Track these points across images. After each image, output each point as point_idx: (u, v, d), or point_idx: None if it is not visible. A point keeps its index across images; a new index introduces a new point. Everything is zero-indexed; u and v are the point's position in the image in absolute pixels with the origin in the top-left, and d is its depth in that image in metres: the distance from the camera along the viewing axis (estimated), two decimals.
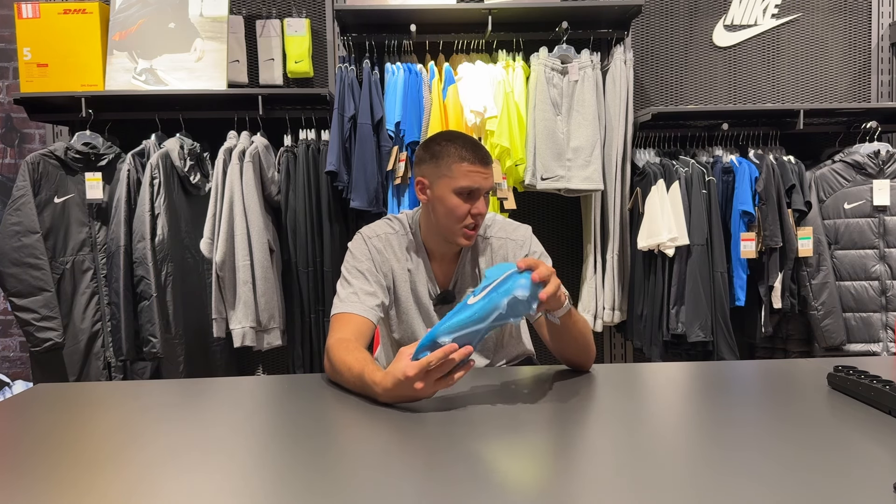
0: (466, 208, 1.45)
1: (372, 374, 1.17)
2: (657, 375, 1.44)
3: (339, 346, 1.31)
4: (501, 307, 1.14)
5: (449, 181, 1.45)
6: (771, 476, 0.82)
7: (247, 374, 2.94)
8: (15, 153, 3.19)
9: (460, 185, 1.44)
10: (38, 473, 0.89)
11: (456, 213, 1.45)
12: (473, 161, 1.44)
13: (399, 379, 1.09)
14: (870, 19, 3.03)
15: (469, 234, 1.47)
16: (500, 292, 1.14)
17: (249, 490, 0.83)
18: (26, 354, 3.13)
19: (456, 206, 1.44)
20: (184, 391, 1.38)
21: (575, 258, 2.96)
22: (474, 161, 1.44)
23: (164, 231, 2.53)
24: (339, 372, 1.28)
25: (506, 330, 1.62)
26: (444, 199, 1.46)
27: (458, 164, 1.44)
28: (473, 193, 1.45)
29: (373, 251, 1.53)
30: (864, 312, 2.67)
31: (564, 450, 0.97)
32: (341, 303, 1.45)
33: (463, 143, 1.47)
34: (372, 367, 1.19)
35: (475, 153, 1.45)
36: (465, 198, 1.45)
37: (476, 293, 1.16)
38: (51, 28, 2.60)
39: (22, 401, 1.29)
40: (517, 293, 1.14)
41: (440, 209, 1.47)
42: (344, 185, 2.62)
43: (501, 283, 1.15)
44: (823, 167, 2.71)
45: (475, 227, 1.47)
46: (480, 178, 1.44)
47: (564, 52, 2.68)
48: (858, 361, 1.41)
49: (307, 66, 2.86)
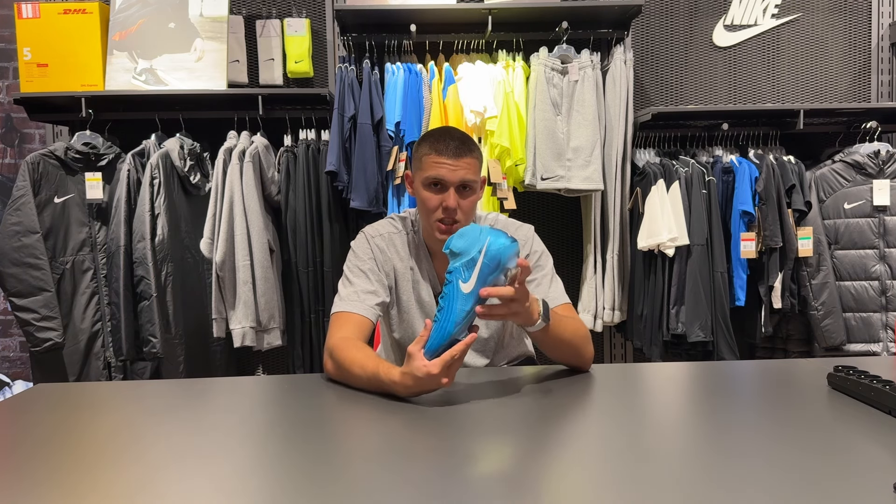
0: (437, 200, 1.43)
1: (388, 372, 1.18)
2: (657, 375, 1.44)
3: (345, 344, 1.32)
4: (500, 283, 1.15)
5: (420, 174, 1.46)
6: (771, 476, 0.82)
7: (247, 374, 2.94)
8: (15, 153, 3.19)
9: (426, 174, 1.43)
10: (39, 474, 0.89)
11: (426, 206, 1.44)
12: (441, 152, 1.42)
13: (421, 377, 1.12)
14: (870, 19, 3.03)
15: (442, 228, 1.44)
16: (491, 268, 1.13)
17: (249, 490, 0.83)
18: (26, 354, 3.13)
19: (426, 199, 1.44)
20: (184, 391, 1.38)
21: (575, 258, 2.96)
22: (441, 152, 1.42)
23: (164, 231, 2.53)
24: (347, 370, 1.28)
25: (506, 330, 1.62)
26: (418, 192, 1.47)
27: (427, 156, 1.44)
28: (441, 185, 1.43)
29: (375, 250, 1.53)
30: (864, 312, 2.67)
31: (564, 449, 0.97)
32: (342, 301, 1.45)
33: (437, 136, 1.46)
34: (387, 366, 1.21)
35: (445, 144, 1.43)
36: (435, 190, 1.43)
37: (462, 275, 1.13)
38: (51, 28, 2.60)
39: (22, 401, 1.29)
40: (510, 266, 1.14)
41: (418, 203, 1.49)
42: (344, 185, 2.62)
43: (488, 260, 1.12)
44: (823, 167, 2.71)
45: (451, 221, 1.43)
46: (445, 170, 1.41)
47: (564, 52, 2.68)
48: (858, 361, 1.41)
49: (307, 66, 2.86)
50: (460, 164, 1.42)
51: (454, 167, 1.42)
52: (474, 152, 1.46)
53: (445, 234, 1.42)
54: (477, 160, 1.47)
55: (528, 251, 1.54)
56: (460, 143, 1.44)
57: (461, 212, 1.43)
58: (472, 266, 1.13)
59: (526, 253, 1.54)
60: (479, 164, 1.48)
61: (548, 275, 1.51)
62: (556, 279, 1.53)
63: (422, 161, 1.45)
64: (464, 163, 1.43)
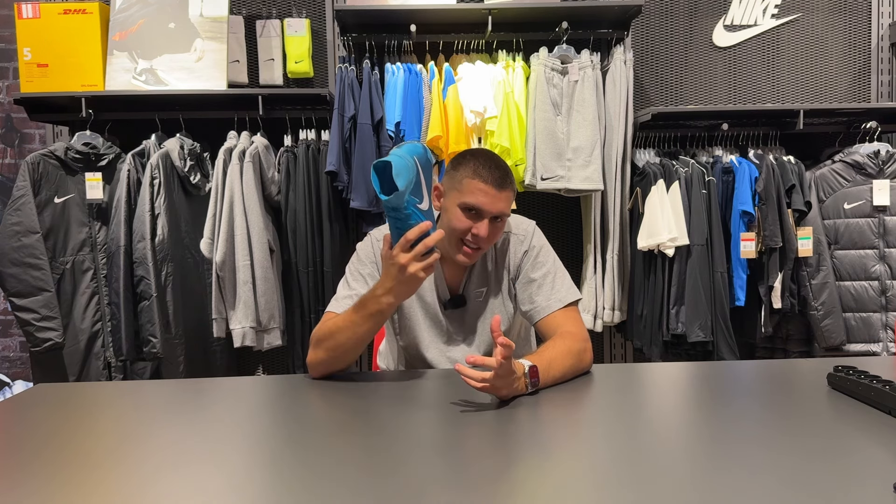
0: (468, 225, 1.40)
1: (370, 292, 1.29)
2: (657, 375, 1.44)
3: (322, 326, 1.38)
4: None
5: (458, 194, 1.42)
6: (771, 476, 0.82)
7: (247, 374, 2.94)
8: (15, 153, 3.19)
9: (465, 200, 1.40)
10: (39, 474, 0.89)
11: (456, 227, 1.41)
12: (486, 180, 1.39)
13: (394, 272, 1.22)
14: (870, 19, 3.03)
15: (467, 252, 1.43)
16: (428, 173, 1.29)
17: (249, 490, 0.83)
18: (26, 354, 3.13)
19: (457, 221, 1.41)
20: (184, 391, 1.39)
21: (575, 258, 2.96)
22: (487, 181, 1.39)
23: (164, 231, 2.53)
24: (334, 332, 1.33)
25: (513, 331, 1.61)
26: (449, 210, 1.44)
27: (470, 180, 1.40)
28: (478, 213, 1.40)
29: (377, 254, 1.51)
30: (864, 312, 2.67)
31: (564, 449, 0.97)
32: (336, 302, 1.45)
33: (483, 161, 1.42)
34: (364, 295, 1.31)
35: (491, 173, 1.40)
36: (469, 215, 1.41)
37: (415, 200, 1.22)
38: (51, 28, 2.60)
39: (22, 401, 1.29)
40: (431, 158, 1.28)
41: (445, 219, 1.45)
42: (344, 185, 2.62)
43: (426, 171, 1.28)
44: (823, 167, 2.72)
45: (476, 248, 1.43)
46: (487, 200, 1.38)
47: (564, 52, 2.68)
48: (858, 361, 1.41)
49: (307, 66, 2.86)
50: (501, 197, 1.40)
51: (496, 197, 1.40)
52: (513, 184, 1.45)
53: (468, 258, 1.44)
54: (513, 192, 1.46)
55: (527, 246, 1.53)
56: (504, 174, 1.42)
57: (488, 241, 1.42)
58: (420, 186, 1.24)
59: (525, 248, 1.53)
60: (512, 197, 1.46)
61: (550, 273, 1.50)
62: (559, 276, 1.50)
63: (462, 183, 1.41)
64: (504, 195, 1.41)
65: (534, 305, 1.47)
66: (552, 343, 1.37)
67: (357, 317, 1.30)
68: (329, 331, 1.34)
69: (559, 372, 1.30)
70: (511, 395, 1.18)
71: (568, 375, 1.33)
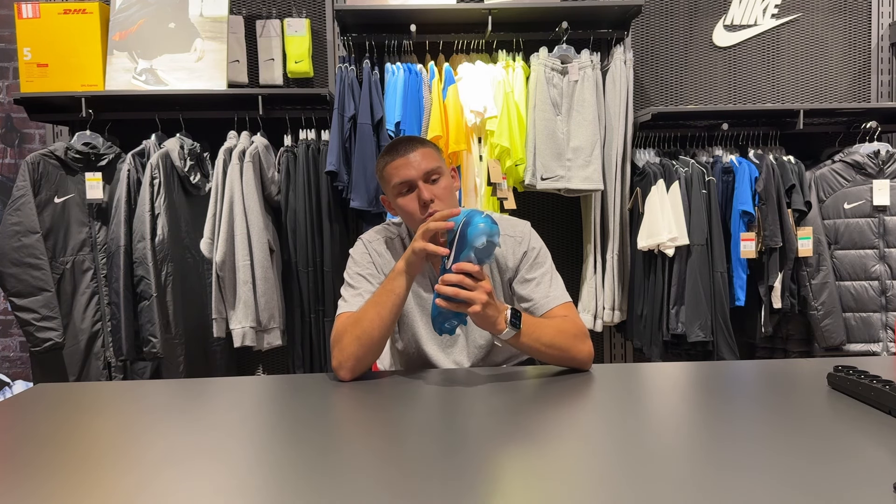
0: (414, 203, 1.44)
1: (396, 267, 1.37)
2: (657, 375, 1.45)
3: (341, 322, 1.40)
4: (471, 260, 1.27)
5: (388, 187, 1.48)
6: (770, 476, 0.82)
7: (247, 374, 2.94)
8: (15, 153, 3.19)
9: (392, 184, 1.45)
10: (39, 474, 0.89)
11: (408, 211, 1.45)
12: (394, 156, 1.45)
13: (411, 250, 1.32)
14: (870, 19, 3.03)
15: None
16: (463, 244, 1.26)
17: (250, 490, 0.83)
18: (26, 354, 3.13)
19: (405, 205, 1.45)
20: (184, 391, 1.39)
21: (575, 258, 2.96)
22: (395, 156, 1.45)
23: (164, 231, 2.53)
24: (359, 318, 1.36)
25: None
26: (397, 205, 1.48)
27: (385, 168, 1.47)
28: (409, 185, 1.44)
29: (374, 255, 1.54)
30: (864, 312, 2.68)
31: (564, 449, 0.97)
32: (345, 303, 1.46)
33: (387, 149, 1.49)
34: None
35: (395, 148, 1.46)
36: (407, 194, 1.45)
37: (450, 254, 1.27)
38: (51, 28, 2.60)
39: (22, 401, 1.29)
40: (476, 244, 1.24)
41: (402, 216, 1.51)
42: (344, 185, 2.62)
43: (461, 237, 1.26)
44: (823, 167, 2.72)
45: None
46: (405, 169, 1.43)
47: (564, 52, 2.67)
48: (858, 361, 1.41)
49: (307, 66, 2.86)
50: (413, 159, 1.45)
51: (409, 164, 1.44)
52: (425, 144, 1.49)
53: None
54: (430, 149, 1.49)
55: (525, 248, 1.53)
56: (407, 142, 1.48)
57: (437, 199, 1.44)
58: (452, 243, 1.27)
59: (524, 249, 1.53)
60: (435, 153, 1.49)
61: (547, 273, 1.51)
62: (556, 277, 1.53)
63: (384, 176, 1.48)
64: (417, 154, 1.45)
65: (532, 302, 1.48)
66: (547, 319, 1.43)
67: (382, 290, 1.36)
68: (355, 318, 1.37)
69: (547, 337, 1.36)
70: (489, 326, 1.27)
71: (554, 347, 1.36)
